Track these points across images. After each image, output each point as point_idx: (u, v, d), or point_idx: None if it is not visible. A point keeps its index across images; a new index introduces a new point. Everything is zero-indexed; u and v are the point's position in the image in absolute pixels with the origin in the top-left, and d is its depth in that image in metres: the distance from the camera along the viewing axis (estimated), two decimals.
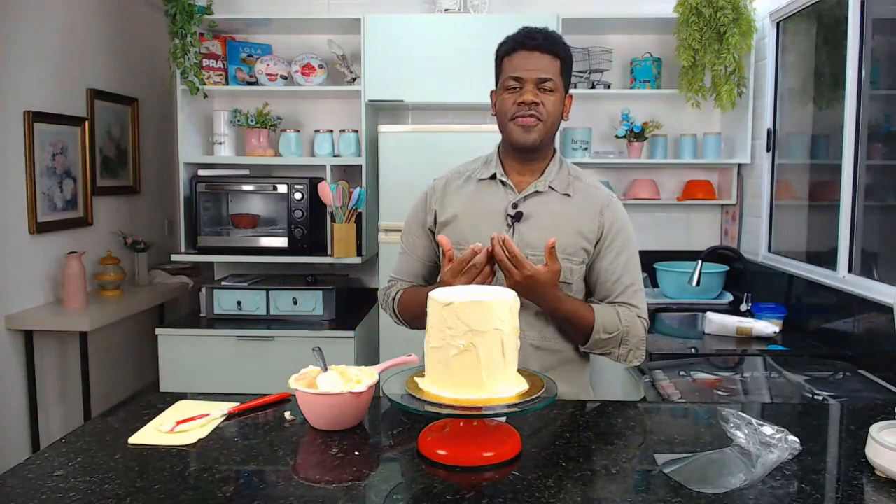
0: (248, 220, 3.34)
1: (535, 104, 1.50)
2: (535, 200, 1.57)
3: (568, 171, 1.62)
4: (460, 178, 1.66)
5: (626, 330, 1.53)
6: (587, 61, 3.39)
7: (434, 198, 1.66)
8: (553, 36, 1.54)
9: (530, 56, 1.51)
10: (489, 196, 1.59)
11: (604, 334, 1.51)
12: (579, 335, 1.54)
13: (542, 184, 1.58)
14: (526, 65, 1.51)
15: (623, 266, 1.57)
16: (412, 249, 1.69)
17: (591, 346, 1.55)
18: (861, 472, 1.12)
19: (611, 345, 1.54)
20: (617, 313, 1.53)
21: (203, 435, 1.28)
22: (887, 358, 2.10)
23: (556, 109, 1.54)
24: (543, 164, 1.61)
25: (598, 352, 1.56)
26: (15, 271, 2.90)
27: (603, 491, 1.08)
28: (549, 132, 1.55)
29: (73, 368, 3.17)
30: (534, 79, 1.50)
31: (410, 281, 1.69)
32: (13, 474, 1.13)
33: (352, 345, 3.04)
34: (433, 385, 1.17)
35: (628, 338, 1.53)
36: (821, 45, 2.81)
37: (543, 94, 1.51)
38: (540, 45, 1.51)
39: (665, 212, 3.59)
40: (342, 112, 3.56)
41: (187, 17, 3.14)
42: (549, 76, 1.51)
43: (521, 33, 1.54)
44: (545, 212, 1.56)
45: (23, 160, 2.92)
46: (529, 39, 1.52)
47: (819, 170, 2.87)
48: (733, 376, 2.25)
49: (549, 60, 1.51)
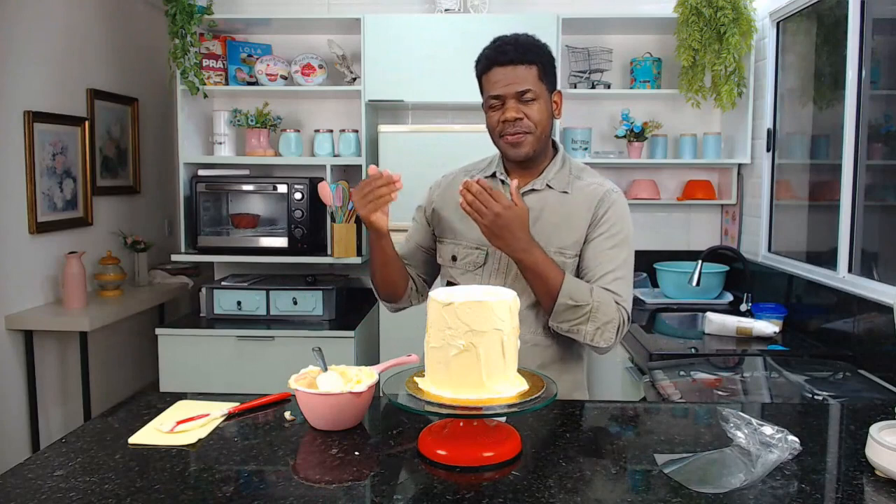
0: (248, 220, 3.34)
1: (519, 119, 1.51)
2: (531, 198, 1.58)
3: (570, 170, 1.62)
4: (465, 175, 1.68)
5: (597, 306, 1.46)
6: (587, 61, 3.39)
7: (436, 192, 1.71)
8: (524, 43, 1.52)
9: (504, 71, 1.50)
10: None
11: (570, 300, 1.45)
12: (546, 297, 1.48)
13: (539, 182, 1.59)
14: (502, 81, 1.51)
15: (608, 253, 1.53)
16: (410, 234, 1.75)
17: (557, 317, 1.48)
18: (861, 472, 1.12)
19: (578, 319, 1.47)
20: (590, 289, 1.48)
21: (203, 435, 1.28)
22: (887, 358, 2.10)
23: (542, 116, 1.53)
24: (544, 164, 1.62)
25: (565, 328, 1.49)
26: (15, 271, 2.91)
27: (603, 491, 1.08)
28: (541, 140, 1.55)
29: (73, 368, 3.17)
30: (513, 93, 1.50)
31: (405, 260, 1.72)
32: (13, 474, 1.13)
33: (352, 345, 3.04)
34: (433, 385, 1.17)
35: (597, 314, 1.47)
36: (821, 45, 2.81)
37: (526, 106, 1.51)
38: (512, 58, 1.50)
39: (665, 212, 3.59)
40: (342, 112, 3.56)
41: (187, 17, 3.14)
42: (528, 87, 1.50)
43: (492, 48, 1.53)
44: (541, 209, 1.57)
45: (23, 160, 2.92)
46: (501, 54, 1.51)
47: (819, 170, 2.87)
48: (733, 376, 2.25)
49: (524, 70, 1.50)
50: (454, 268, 1.62)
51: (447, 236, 1.66)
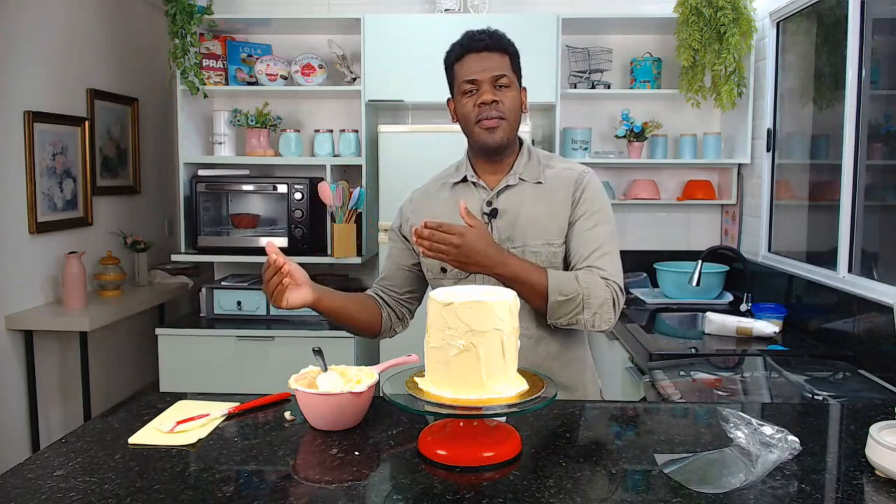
0: (248, 220, 3.34)
1: (496, 102, 1.52)
2: (508, 195, 1.59)
3: (538, 160, 1.63)
4: (436, 185, 1.69)
5: (587, 292, 1.46)
6: (587, 61, 3.39)
7: (409, 208, 1.70)
8: (497, 33, 1.56)
9: (480, 57, 1.53)
10: (463, 198, 1.59)
11: (560, 296, 1.45)
12: (538, 300, 1.47)
13: (512, 177, 1.59)
14: (478, 66, 1.53)
15: (590, 233, 1.53)
16: (389, 255, 1.74)
17: (553, 314, 1.48)
18: (861, 472, 1.12)
19: (574, 310, 1.46)
20: (575, 276, 1.48)
21: (203, 435, 1.28)
22: (887, 358, 2.10)
23: (515, 105, 1.55)
24: (512, 158, 1.62)
25: (565, 321, 1.48)
26: (15, 271, 2.90)
27: (603, 491, 1.08)
28: (513, 128, 1.57)
29: (73, 368, 3.17)
30: (489, 78, 1.52)
31: (387, 285, 1.71)
32: (13, 474, 1.13)
33: (352, 345, 3.04)
34: (433, 385, 1.17)
35: (590, 300, 1.46)
36: (821, 45, 2.81)
37: (500, 92, 1.53)
38: (487, 44, 1.53)
39: (665, 212, 3.59)
40: (342, 112, 3.56)
41: (187, 17, 3.14)
42: (503, 72, 1.53)
43: (466, 37, 1.56)
44: (519, 203, 1.57)
45: (23, 160, 2.92)
46: (475, 41, 1.54)
47: (819, 170, 2.87)
48: (733, 376, 2.25)
49: (499, 58, 1.54)
50: (445, 278, 1.60)
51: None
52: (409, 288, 1.70)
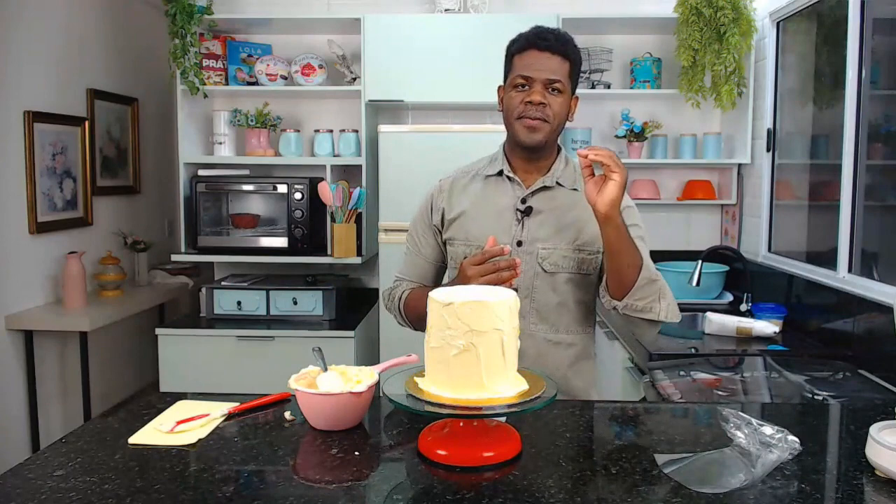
0: (248, 220, 3.34)
1: (543, 105, 1.50)
2: (543, 196, 1.57)
3: (574, 168, 1.62)
4: (466, 176, 1.66)
5: (664, 284, 1.46)
6: (587, 61, 3.39)
7: (441, 197, 1.66)
8: (565, 37, 1.53)
9: (541, 56, 1.51)
10: (497, 192, 1.60)
11: (651, 274, 1.43)
12: (631, 269, 1.42)
13: (549, 179, 1.58)
14: (536, 64, 1.50)
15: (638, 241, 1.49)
16: (418, 250, 1.70)
17: (637, 292, 1.43)
18: (861, 472, 1.12)
19: (653, 296, 1.44)
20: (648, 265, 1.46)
21: (203, 435, 1.28)
22: (887, 358, 2.10)
23: (562, 111, 1.53)
24: (549, 161, 1.61)
25: (640, 305, 1.44)
26: (15, 271, 2.91)
27: (603, 491, 1.08)
28: (555, 133, 1.55)
29: (73, 368, 3.17)
30: (543, 79, 1.50)
31: (417, 281, 1.69)
32: (13, 474, 1.13)
33: (352, 345, 3.04)
34: (433, 385, 1.17)
35: (665, 291, 1.46)
36: (821, 45, 2.81)
37: (551, 96, 1.51)
38: (551, 45, 1.50)
39: (665, 212, 3.59)
40: (342, 112, 3.56)
41: (187, 17, 3.14)
42: (559, 77, 1.50)
43: (534, 32, 1.53)
44: (554, 207, 1.56)
45: (23, 160, 2.92)
46: (541, 39, 1.51)
47: (819, 170, 2.87)
48: (733, 376, 2.25)
49: (559, 62, 1.51)
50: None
51: (459, 237, 1.62)
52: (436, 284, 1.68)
